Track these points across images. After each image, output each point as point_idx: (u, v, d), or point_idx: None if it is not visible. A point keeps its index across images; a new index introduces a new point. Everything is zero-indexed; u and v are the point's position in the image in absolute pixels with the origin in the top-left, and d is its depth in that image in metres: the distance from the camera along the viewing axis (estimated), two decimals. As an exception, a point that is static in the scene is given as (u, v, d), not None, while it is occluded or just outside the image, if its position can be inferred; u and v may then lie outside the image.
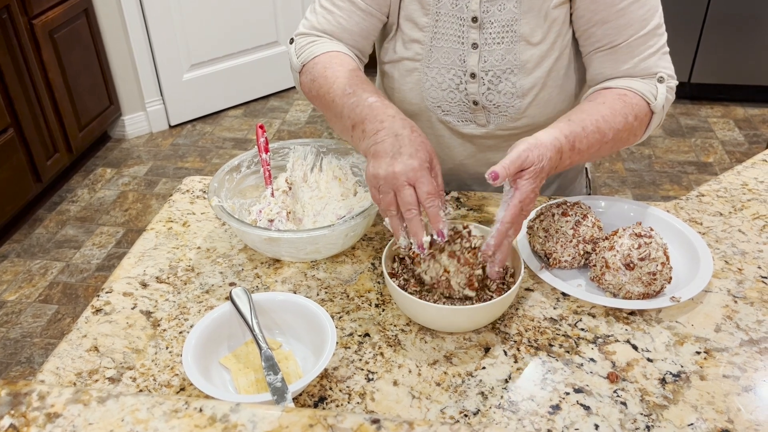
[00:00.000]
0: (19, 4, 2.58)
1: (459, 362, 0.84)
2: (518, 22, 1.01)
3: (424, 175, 0.83)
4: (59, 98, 2.84)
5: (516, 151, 0.85)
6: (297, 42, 1.09)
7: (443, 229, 0.84)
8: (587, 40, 1.02)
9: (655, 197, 2.84)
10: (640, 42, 0.99)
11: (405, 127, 0.87)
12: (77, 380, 0.82)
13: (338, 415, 0.51)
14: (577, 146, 0.92)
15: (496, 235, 0.85)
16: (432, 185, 0.83)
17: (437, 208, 0.83)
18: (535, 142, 0.87)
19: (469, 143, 1.16)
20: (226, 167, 1.09)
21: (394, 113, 0.90)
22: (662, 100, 1.00)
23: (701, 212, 1.10)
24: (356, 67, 1.03)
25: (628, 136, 0.99)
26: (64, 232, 2.74)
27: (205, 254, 1.04)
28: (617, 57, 1.01)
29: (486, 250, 0.86)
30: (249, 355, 0.84)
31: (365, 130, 0.90)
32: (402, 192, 0.83)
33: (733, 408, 0.77)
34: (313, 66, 1.04)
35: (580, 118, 0.94)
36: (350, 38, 1.08)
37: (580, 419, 0.76)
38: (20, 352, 2.19)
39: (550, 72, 1.05)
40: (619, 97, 0.98)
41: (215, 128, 3.49)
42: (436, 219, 0.83)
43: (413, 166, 0.83)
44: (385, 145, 0.86)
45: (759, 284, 0.95)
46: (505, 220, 0.85)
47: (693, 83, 3.52)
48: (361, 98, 0.93)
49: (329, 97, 0.99)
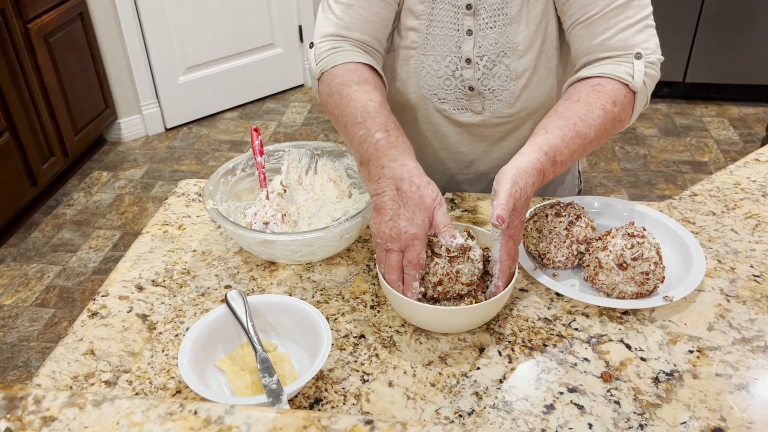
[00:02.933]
0: (14, 7, 2.58)
1: (454, 363, 0.84)
2: (508, 4, 1.03)
3: (417, 244, 0.85)
4: (55, 102, 2.84)
5: (504, 189, 0.85)
6: (317, 47, 1.06)
7: (412, 299, 0.86)
8: (565, 14, 1.02)
9: (650, 197, 2.85)
10: (616, 12, 0.98)
11: (404, 174, 0.87)
12: (73, 384, 0.83)
13: (332, 417, 0.52)
14: (558, 159, 0.91)
15: (500, 276, 0.87)
16: (416, 255, 0.85)
17: (411, 278, 0.86)
18: (517, 172, 0.86)
19: (465, 132, 1.17)
20: (221, 170, 1.09)
21: (396, 155, 0.90)
22: (641, 78, 0.97)
23: (694, 212, 1.11)
24: (373, 85, 1.01)
25: (613, 125, 0.98)
26: (61, 235, 2.74)
27: (201, 257, 1.04)
28: (593, 29, 0.99)
29: (496, 291, 0.88)
30: (244, 357, 0.84)
31: (370, 172, 0.91)
32: (389, 255, 0.87)
33: (725, 406, 0.77)
34: (331, 77, 1.02)
35: (557, 125, 0.93)
36: (372, 29, 1.06)
37: (573, 418, 0.76)
38: (17, 356, 2.18)
39: (540, 53, 1.06)
40: (593, 88, 0.97)
41: (211, 131, 3.49)
42: (407, 288, 0.87)
43: (408, 232, 0.85)
44: (386, 200, 0.87)
45: (751, 283, 0.96)
46: (503, 259, 0.86)
47: (687, 82, 3.54)
48: (369, 132, 0.93)
49: (342, 121, 0.99)
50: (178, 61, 3.39)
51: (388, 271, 0.87)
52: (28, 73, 2.68)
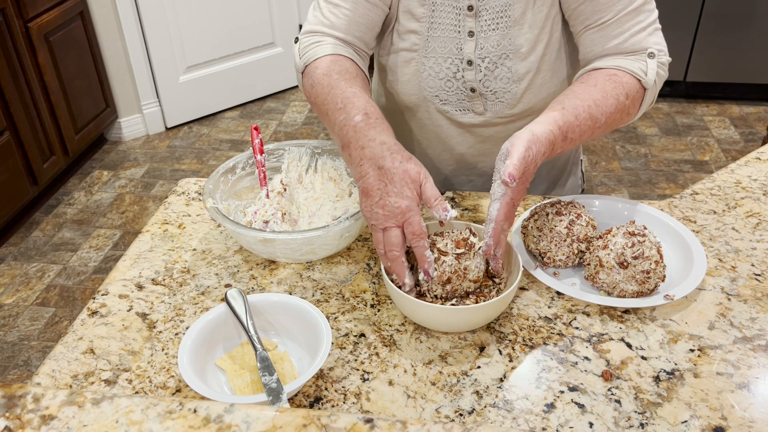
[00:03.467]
0: (14, 7, 2.58)
1: (454, 362, 0.84)
2: (511, 6, 1.03)
3: (412, 215, 0.85)
4: (55, 101, 2.84)
5: (518, 151, 0.86)
6: (302, 41, 1.09)
7: (429, 269, 0.86)
8: (577, 18, 1.03)
9: (651, 196, 2.85)
10: (629, 17, 1.00)
11: (384, 152, 0.87)
12: (73, 383, 0.83)
13: (332, 415, 0.51)
14: (569, 136, 0.93)
15: (493, 234, 0.87)
16: (418, 225, 0.84)
17: (423, 249, 0.85)
18: (532, 138, 0.88)
19: (467, 133, 1.16)
20: (221, 169, 1.09)
21: (374, 135, 0.90)
22: (653, 76, 1.00)
23: (695, 210, 1.11)
24: (354, 75, 1.02)
25: (621, 116, 1.00)
26: (61, 234, 2.74)
27: (201, 256, 1.04)
28: (607, 33, 1.01)
29: (487, 250, 0.88)
30: (244, 356, 0.84)
31: (351, 155, 0.91)
32: (388, 233, 0.86)
33: (726, 405, 0.77)
34: (314, 69, 1.04)
35: (573, 104, 0.95)
36: (357, 30, 1.07)
37: (574, 417, 0.76)
38: (17, 355, 2.18)
39: (544, 56, 1.06)
40: (610, 77, 0.99)
41: (212, 130, 3.49)
42: (422, 259, 0.86)
43: (400, 207, 0.85)
44: (371, 181, 0.87)
45: (752, 282, 0.95)
46: (499, 218, 0.87)
47: (688, 81, 3.53)
48: (349, 115, 0.94)
49: (324, 108, 1.00)
50: (179, 60, 3.39)
51: (389, 248, 0.86)
52: (28, 72, 2.68)
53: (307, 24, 1.10)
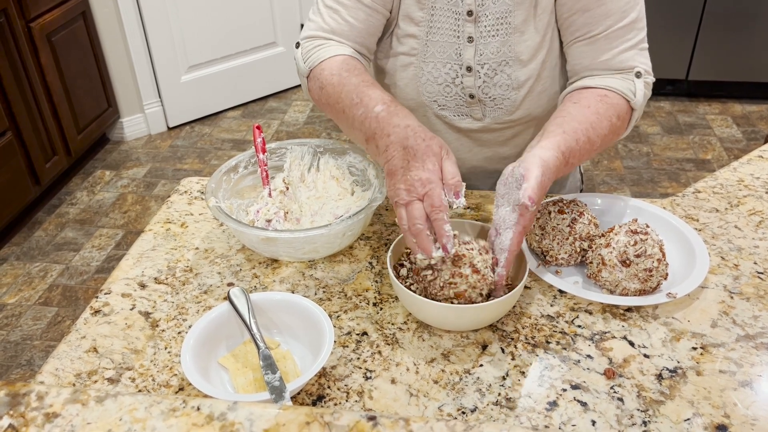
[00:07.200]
0: (16, 7, 2.58)
1: (457, 360, 0.84)
2: (512, 13, 1.02)
3: (433, 187, 0.83)
4: (57, 101, 2.84)
5: (534, 174, 0.84)
6: (303, 46, 1.09)
7: (447, 244, 0.83)
8: (567, 29, 1.03)
9: (653, 195, 2.84)
10: (619, 34, 1.00)
11: (409, 134, 0.88)
12: (76, 381, 0.83)
13: (335, 413, 0.52)
14: (570, 161, 0.93)
15: (506, 264, 0.86)
16: (438, 198, 0.83)
17: (442, 222, 0.83)
18: (544, 166, 0.86)
19: (465, 138, 1.16)
20: (223, 168, 1.09)
21: (398, 121, 0.90)
22: (641, 97, 1.01)
23: (697, 209, 1.10)
24: (362, 70, 1.02)
25: (613, 137, 1.01)
26: (64, 234, 2.75)
27: (203, 255, 1.04)
28: (596, 47, 1.01)
29: (499, 280, 0.87)
30: (247, 354, 0.84)
31: (378, 145, 0.91)
32: (410, 206, 0.84)
33: (729, 403, 0.77)
34: (320, 72, 1.04)
35: (573, 128, 0.94)
36: (357, 35, 1.07)
37: (577, 415, 0.76)
38: (20, 354, 2.19)
39: (545, 63, 1.06)
40: (602, 99, 0.99)
41: (214, 129, 3.49)
42: (441, 233, 0.83)
43: (420, 178, 0.84)
44: (395, 162, 0.87)
45: (755, 280, 0.95)
46: (512, 248, 0.86)
47: (690, 80, 3.53)
48: (368, 108, 0.94)
49: (339, 107, 0.99)
50: (181, 59, 3.39)
51: (412, 222, 0.84)
52: (30, 72, 2.68)
53: (307, 29, 1.10)
